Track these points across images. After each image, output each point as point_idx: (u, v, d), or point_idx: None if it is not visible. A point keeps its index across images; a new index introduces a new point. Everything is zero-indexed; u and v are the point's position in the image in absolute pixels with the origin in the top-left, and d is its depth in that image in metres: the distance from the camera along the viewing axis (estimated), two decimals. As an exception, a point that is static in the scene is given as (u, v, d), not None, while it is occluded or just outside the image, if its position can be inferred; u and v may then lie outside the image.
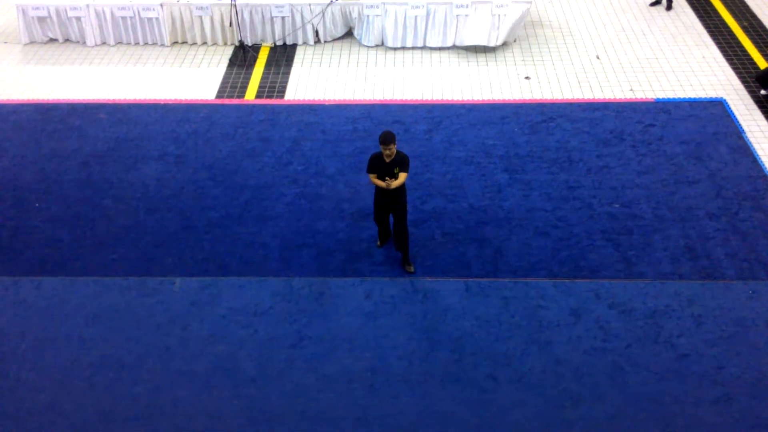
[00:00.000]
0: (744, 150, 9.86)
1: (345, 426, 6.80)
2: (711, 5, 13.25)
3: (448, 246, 8.58)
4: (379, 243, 8.58)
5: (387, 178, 7.62)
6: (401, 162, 7.67)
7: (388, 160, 7.60)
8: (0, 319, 7.83)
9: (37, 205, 9.24)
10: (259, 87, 11.37)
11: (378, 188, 7.88)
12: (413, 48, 12.27)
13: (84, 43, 12.39)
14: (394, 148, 7.52)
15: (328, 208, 9.12)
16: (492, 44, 11.89)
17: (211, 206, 9.18)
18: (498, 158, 9.83)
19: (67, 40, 12.45)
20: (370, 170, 7.76)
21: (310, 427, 6.79)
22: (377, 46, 12.31)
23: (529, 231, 8.75)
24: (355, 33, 12.37)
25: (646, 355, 7.34)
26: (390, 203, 7.94)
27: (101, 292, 8.09)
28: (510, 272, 8.25)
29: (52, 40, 12.48)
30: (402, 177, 7.67)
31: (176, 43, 12.43)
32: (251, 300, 7.98)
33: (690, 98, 10.90)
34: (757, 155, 9.77)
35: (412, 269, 8.23)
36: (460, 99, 11.00)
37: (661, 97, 10.97)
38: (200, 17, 12.09)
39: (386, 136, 7.46)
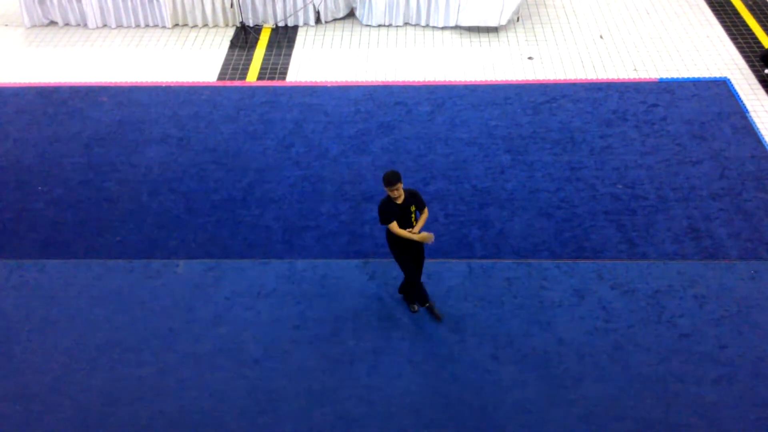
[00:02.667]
0: (747, 130, 9.81)
1: (348, 406, 6.85)
2: (716, -17, 13.15)
3: (451, 227, 8.58)
4: (418, 306, 7.61)
5: (410, 229, 6.94)
6: (414, 198, 6.98)
7: (399, 201, 6.88)
8: (4, 301, 7.87)
9: (39, 188, 9.25)
10: (261, 68, 11.32)
11: (398, 238, 7.03)
12: (415, 28, 12.19)
13: (85, 25, 12.33)
14: (401, 188, 6.75)
15: (331, 190, 9.12)
16: (495, 24, 11.81)
17: (214, 189, 9.18)
18: (501, 139, 9.80)
19: (67, 24, 12.39)
20: (387, 220, 6.86)
21: (313, 408, 6.84)
22: (379, 26, 12.24)
23: (532, 212, 8.75)
24: (357, 13, 12.29)
25: (648, 335, 7.36)
26: (416, 248, 7.26)
27: (105, 274, 8.12)
28: (513, 253, 8.26)
29: (53, 23, 12.43)
30: (425, 214, 7.10)
31: (177, 25, 12.37)
32: (255, 282, 8.00)
33: (694, 78, 10.83)
34: (761, 135, 9.73)
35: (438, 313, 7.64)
36: (463, 80, 10.95)
37: (664, 76, 10.91)
38: (201, -1, 12.04)
39: (390, 177, 6.64)
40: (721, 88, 10.58)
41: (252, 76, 11.16)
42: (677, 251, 8.21)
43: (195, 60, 11.55)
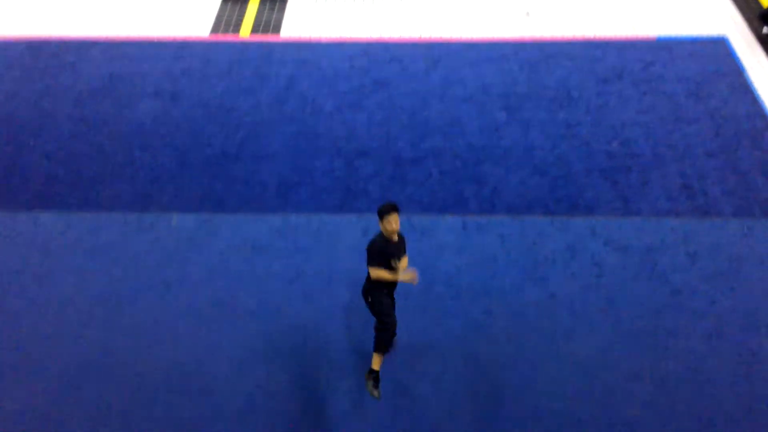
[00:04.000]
0: (744, 88, 9.76)
1: (342, 359, 6.90)
2: (716, -59, 12.95)
3: (445, 183, 8.57)
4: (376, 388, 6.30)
5: (394, 261, 6.08)
6: (403, 242, 6.27)
7: (394, 239, 6.08)
8: (-2, 254, 7.86)
9: (31, 142, 9.17)
10: (254, 23, 11.17)
11: (382, 284, 6.18)
12: (411, -16, 12.03)
13: (75, -23, 12.12)
14: (397, 221, 5.99)
15: (325, 145, 9.07)
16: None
17: (207, 143, 9.12)
18: (497, 96, 9.74)
19: (57, -25, 12.17)
20: (375, 263, 6.02)
21: (308, 360, 6.89)
22: (375, -18, 12.07)
23: (527, 169, 8.73)
24: (352, -32, 12.10)
25: (640, 290, 7.42)
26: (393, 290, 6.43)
27: (99, 227, 8.10)
28: (507, 210, 8.26)
29: (43, -25, 12.20)
30: (406, 259, 6.26)
31: (169, -22, 12.17)
32: (249, 236, 7.99)
33: (691, 36, 10.74)
34: (757, 94, 9.69)
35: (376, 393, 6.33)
36: (459, 37, 10.83)
37: (662, 34, 10.81)
38: (193, -49, 11.81)
39: (393, 206, 5.95)
40: (719, 46, 10.50)
41: (245, 31, 11.01)
42: (671, 208, 8.23)
43: (187, 14, 11.38)
